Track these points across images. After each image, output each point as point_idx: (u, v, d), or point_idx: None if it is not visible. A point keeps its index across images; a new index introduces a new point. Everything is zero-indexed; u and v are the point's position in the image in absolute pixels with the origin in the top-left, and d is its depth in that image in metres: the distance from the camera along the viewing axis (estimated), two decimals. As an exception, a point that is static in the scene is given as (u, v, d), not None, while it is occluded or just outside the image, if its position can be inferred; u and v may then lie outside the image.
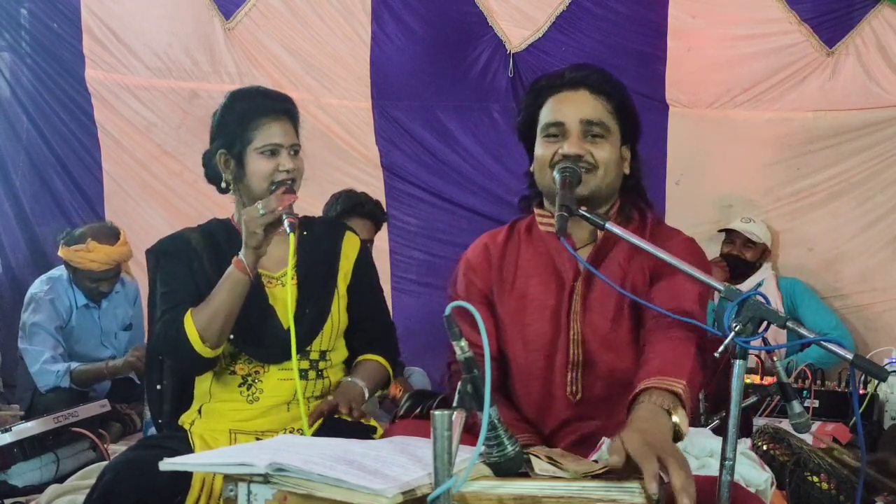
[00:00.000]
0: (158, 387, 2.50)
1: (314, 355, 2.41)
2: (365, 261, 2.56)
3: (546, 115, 2.04)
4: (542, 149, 2.03)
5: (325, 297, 2.43)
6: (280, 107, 2.40)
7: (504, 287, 2.10)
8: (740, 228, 4.31)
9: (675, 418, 1.61)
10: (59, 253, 4.01)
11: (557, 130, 2.02)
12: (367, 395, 2.42)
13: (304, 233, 2.47)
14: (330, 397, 2.36)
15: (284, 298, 2.39)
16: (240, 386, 2.39)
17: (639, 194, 2.11)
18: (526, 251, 2.11)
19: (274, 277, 2.43)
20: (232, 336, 2.34)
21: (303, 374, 2.38)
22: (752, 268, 4.32)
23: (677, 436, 1.61)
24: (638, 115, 2.09)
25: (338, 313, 2.45)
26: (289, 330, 2.35)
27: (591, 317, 2.01)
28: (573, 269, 2.05)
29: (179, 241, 2.45)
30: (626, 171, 2.07)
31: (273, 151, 2.35)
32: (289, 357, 2.35)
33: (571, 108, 2.02)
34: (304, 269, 2.42)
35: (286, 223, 2.23)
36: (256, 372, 2.39)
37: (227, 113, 2.40)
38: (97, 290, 4.06)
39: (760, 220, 4.36)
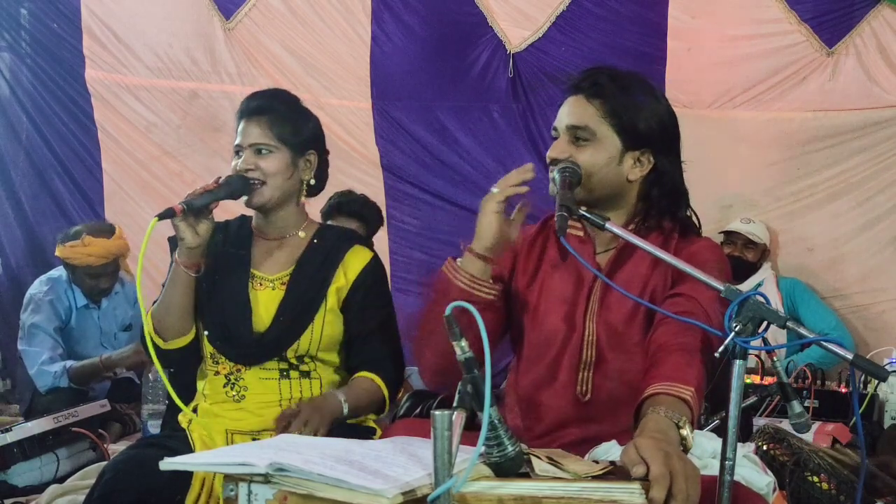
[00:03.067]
0: (171, 369, 2.52)
1: (292, 360, 2.38)
2: (369, 279, 2.44)
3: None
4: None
5: (308, 306, 2.38)
6: (253, 106, 2.39)
7: (525, 279, 2.11)
8: (741, 229, 4.31)
9: (683, 432, 1.64)
10: (57, 252, 4.01)
11: (555, 133, 2.05)
12: (345, 411, 2.27)
13: (315, 241, 2.46)
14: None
15: (266, 301, 2.39)
16: (224, 386, 2.39)
17: (669, 204, 2.08)
18: (553, 246, 2.12)
19: (266, 279, 2.42)
20: (207, 333, 2.36)
21: (284, 374, 2.37)
22: (753, 268, 4.31)
23: (684, 448, 1.63)
24: (657, 121, 2.02)
25: (321, 326, 2.38)
26: (259, 335, 2.36)
27: (606, 316, 2.02)
28: (594, 268, 2.02)
29: None
30: (632, 177, 2.03)
31: (238, 153, 2.37)
32: (261, 360, 2.36)
33: (566, 112, 2.04)
34: (297, 275, 2.41)
35: (165, 208, 2.19)
36: (238, 370, 2.38)
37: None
38: (97, 289, 4.05)
39: (759, 221, 4.36)
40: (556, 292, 2.07)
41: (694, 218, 2.15)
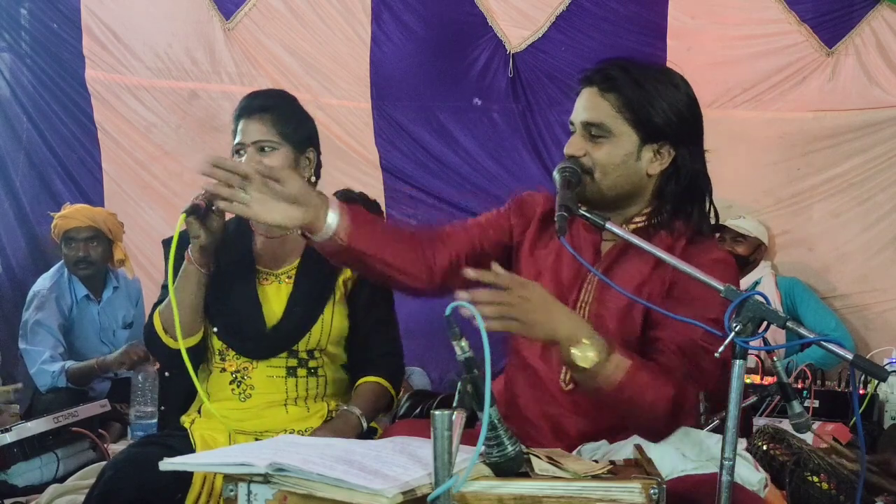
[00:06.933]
0: (167, 374, 2.54)
1: (302, 354, 2.39)
2: None
3: None
4: None
5: (318, 299, 2.40)
6: (254, 105, 2.39)
7: (539, 242, 2.08)
8: (729, 224, 4.31)
9: (576, 351, 1.70)
10: (53, 234, 4.07)
11: (572, 128, 2.01)
12: (364, 424, 2.32)
13: None
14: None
15: (275, 295, 2.41)
16: (231, 383, 2.39)
17: (685, 198, 1.99)
18: None
19: (272, 274, 2.43)
20: (216, 329, 2.37)
21: (291, 372, 2.38)
22: (746, 263, 4.30)
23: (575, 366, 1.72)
24: (675, 112, 1.96)
25: (331, 317, 2.40)
26: (273, 328, 2.37)
27: (598, 310, 1.98)
28: (592, 259, 2.00)
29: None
30: (651, 171, 1.97)
31: (238, 151, 2.37)
32: (273, 354, 2.37)
33: (580, 107, 2.00)
34: (304, 268, 2.43)
35: (190, 203, 2.17)
36: (245, 368, 2.39)
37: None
38: (79, 260, 4.01)
39: (753, 217, 4.36)
40: (555, 272, 2.02)
41: (712, 213, 2.05)
